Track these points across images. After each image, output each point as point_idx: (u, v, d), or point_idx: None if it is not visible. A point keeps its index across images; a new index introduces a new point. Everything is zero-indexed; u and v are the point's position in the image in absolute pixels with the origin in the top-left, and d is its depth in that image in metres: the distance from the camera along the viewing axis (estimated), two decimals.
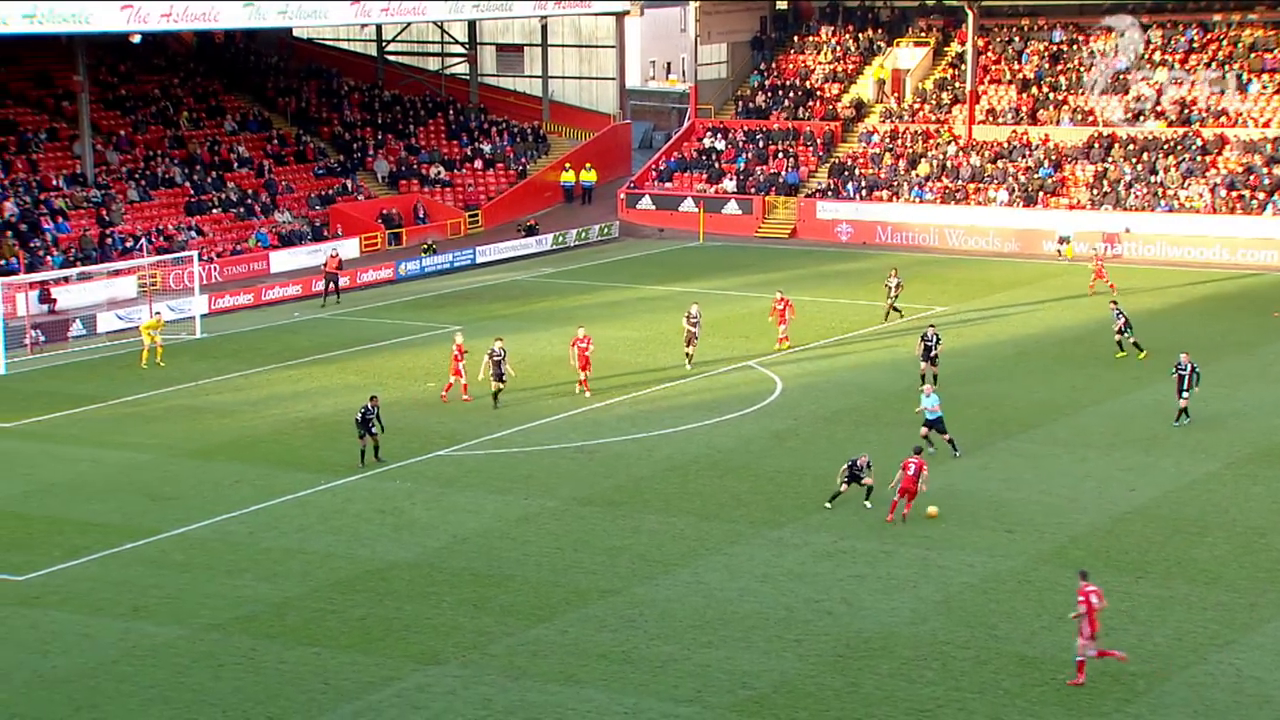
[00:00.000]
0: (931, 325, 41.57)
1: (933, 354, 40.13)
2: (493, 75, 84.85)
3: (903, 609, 26.13)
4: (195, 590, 27.50)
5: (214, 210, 62.90)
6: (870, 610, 26.13)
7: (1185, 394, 36.36)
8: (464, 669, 24.04)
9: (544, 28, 78.84)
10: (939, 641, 24.78)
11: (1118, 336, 44.05)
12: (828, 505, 31.11)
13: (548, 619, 25.94)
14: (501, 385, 39.33)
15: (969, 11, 69.07)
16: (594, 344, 40.92)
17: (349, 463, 34.56)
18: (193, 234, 60.17)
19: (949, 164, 67.30)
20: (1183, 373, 36.42)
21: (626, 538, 29.90)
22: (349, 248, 63.00)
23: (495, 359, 39.24)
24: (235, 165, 66.37)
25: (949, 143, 68.54)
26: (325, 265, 55.54)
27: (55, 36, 60.14)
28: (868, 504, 31.11)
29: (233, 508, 31.92)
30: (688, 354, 43.45)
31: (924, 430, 34.53)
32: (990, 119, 69.00)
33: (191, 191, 63.24)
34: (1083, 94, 68.36)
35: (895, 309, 49.04)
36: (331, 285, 54.86)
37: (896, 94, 72.61)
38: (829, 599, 26.61)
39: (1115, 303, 45.50)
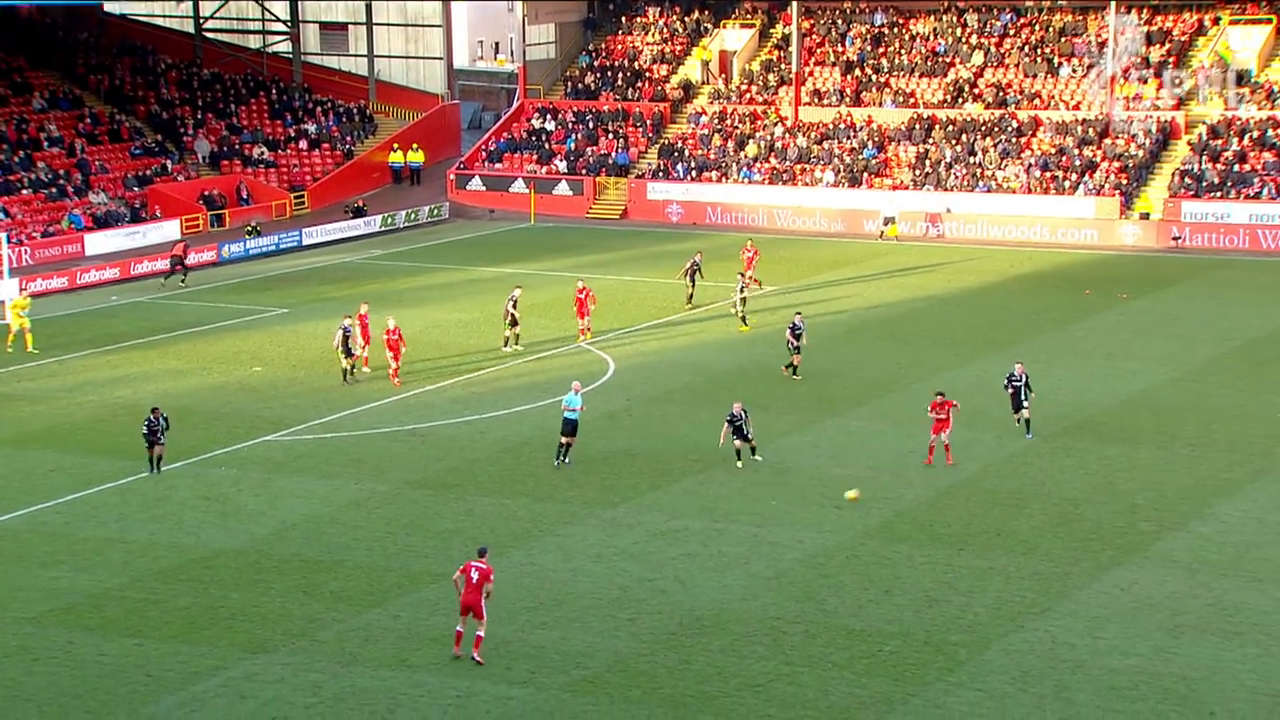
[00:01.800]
0: (799, 313, 41.12)
1: (799, 345, 39.49)
2: (316, 54, 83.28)
3: (734, 586, 26.47)
4: (7, 583, 26.58)
5: (23, 191, 60.70)
6: (702, 588, 26.41)
7: (1025, 405, 34.46)
8: (293, 656, 23.68)
9: (368, 6, 77.71)
10: (770, 617, 25.16)
11: (735, 310, 45.92)
12: (739, 465, 32.27)
13: (379, 604, 25.68)
14: (351, 361, 39.56)
15: None
16: (407, 329, 40.98)
17: (173, 450, 33.55)
18: (0, 215, 57.97)
19: (776, 145, 68.21)
20: (1017, 385, 34.45)
21: (459, 520, 29.74)
22: (169, 229, 61.37)
23: (347, 334, 39.24)
24: (45, 144, 64.10)
25: (776, 124, 69.45)
26: (173, 249, 54.38)
27: None
28: (758, 458, 32.30)
29: (48, 497, 30.91)
30: (508, 337, 43.21)
31: (562, 439, 32.46)
32: (816, 100, 70.08)
33: None
34: (903, 76, 69.83)
35: (691, 285, 48.59)
36: (178, 266, 53.46)
37: (724, 75, 73.29)
38: (662, 578, 26.82)
39: (742, 274, 47.11)
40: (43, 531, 29.16)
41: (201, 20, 76.72)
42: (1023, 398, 34.45)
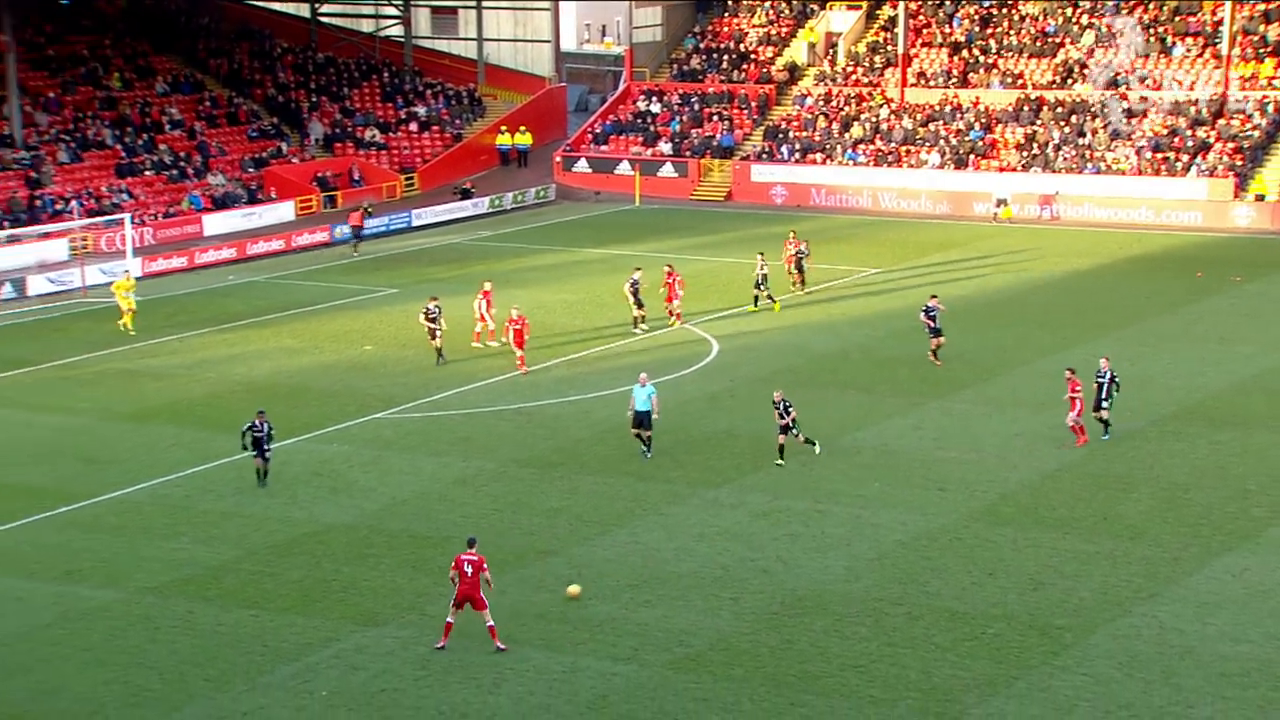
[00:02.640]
0: (934, 296, 40.12)
1: (936, 325, 38.68)
2: (427, 37, 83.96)
3: (836, 567, 26.34)
4: (131, 554, 27.23)
5: (146, 172, 62.00)
6: (805, 568, 26.32)
7: (1105, 404, 32.47)
8: (403, 630, 23.98)
9: None
10: (872, 598, 25.01)
11: (755, 291, 45.28)
12: (779, 463, 31.41)
13: None
14: (438, 341, 39.67)
15: None
16: (527, 312, 41.01)
17: (287, 426, 34.22)
18: (124, 196, 59.28)
19: (881, 127, 67.53)
20: (1101, 380, 32.39)
21: (564, 499, 29.91)
22: (283, 210, 62.36)
23: (431, 317, 39.33)
24: (167, 127, 65.40)
25: (881, 105, 68.77)
26: (350, 217, 57.44)
27: None
28: (816, 449, 31.61)
29: (168, 471, 31.58)
30: (636, 317, 43.24)
31: (634, 431, 31.94)
32: (922, 82, 69.26)
33: (122, 153, 62.28)
34: (1011, 57, 68.73)
35: (800, 275, 47.59)
36: (357, 237, 57.03)
37: (829, 57, 72.70)
38: (764, 557, 26.76)
39: (762, 254, 46.42)
40: (164, 504, 29.83)
41: (317, 5, 77.68)
42: (1103, 395, 32.46)
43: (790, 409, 31.44)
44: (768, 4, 75.87)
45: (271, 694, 22.06)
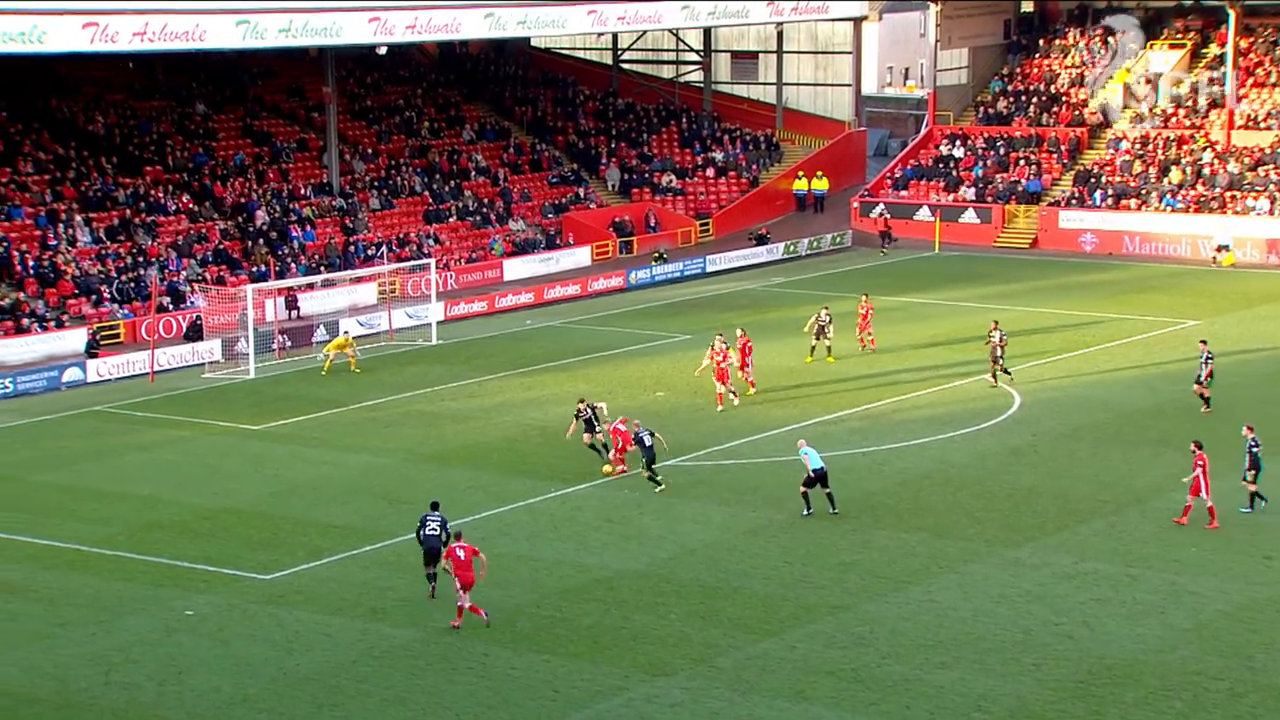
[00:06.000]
0: (1204, 341, 39.81)
1: (1203, 376, 38.26)
2: (727, 82, 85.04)
3: (1149, 635, 25.24)
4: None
5: (451, 218, 64.62)
6: (1114, 635, 25.31)
7: (1249, 475, 30.88)
8: (692, 681, 24.10)
9: (780, 34, 78.67)
10: (1190, 671, 23.85)
11: (813, 340, 45.38)
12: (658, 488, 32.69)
13: (776, 633, 25.84)
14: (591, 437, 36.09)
15: (1230, 11, 66.33)
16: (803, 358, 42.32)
17: (579, 471, 34.98)
18: (431, 241, 61.91)
19: (1204, 171, 64.76)
20: (1254, 450, 30.84)
21: (856, 553, 29.59)
22: (580, 256, 63.97)
23: (584, 418, 36.23)
24: (473, 174, 68.06)
25: (1205, 149, 65.96)
26: (878, 223, 66.43)
27: (307, 49, 62.87)
28: (659, 488, 32.47)
29: (466, 513, 32.56)
30: (814, 347, 44.92)
31: (804, 489, 31.33)
32: (1251, 124, 66.12)
33: (430, 200, 65.10)
34: None
35: (1005, 370, 41.93)
36: (886, 240, 65.21)
37: (1149, 98, 70.26)
38: (1069, 622, 25.87)
39: (827, 307, 47.18)
40: None
41: (619, 52, 79.73)
42: (1247, 465, 30.64)
43: (653, 437, 33.05)
44: (1082, 44, 73.90)
45: None
